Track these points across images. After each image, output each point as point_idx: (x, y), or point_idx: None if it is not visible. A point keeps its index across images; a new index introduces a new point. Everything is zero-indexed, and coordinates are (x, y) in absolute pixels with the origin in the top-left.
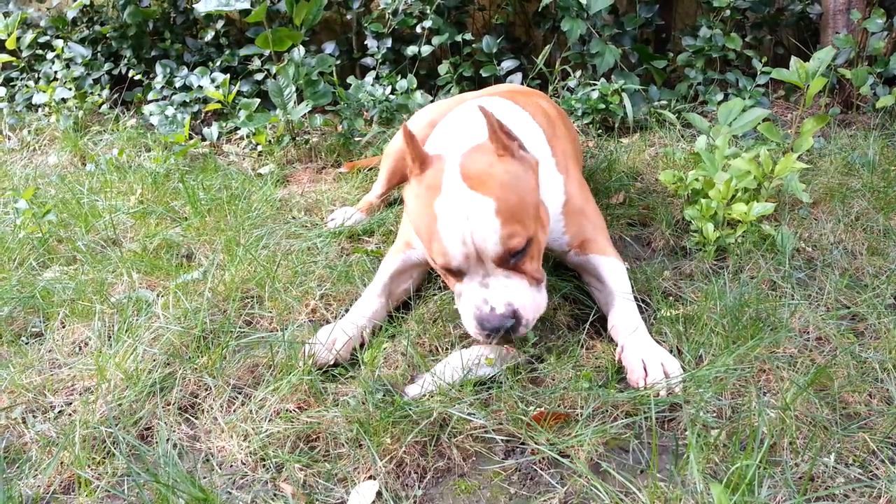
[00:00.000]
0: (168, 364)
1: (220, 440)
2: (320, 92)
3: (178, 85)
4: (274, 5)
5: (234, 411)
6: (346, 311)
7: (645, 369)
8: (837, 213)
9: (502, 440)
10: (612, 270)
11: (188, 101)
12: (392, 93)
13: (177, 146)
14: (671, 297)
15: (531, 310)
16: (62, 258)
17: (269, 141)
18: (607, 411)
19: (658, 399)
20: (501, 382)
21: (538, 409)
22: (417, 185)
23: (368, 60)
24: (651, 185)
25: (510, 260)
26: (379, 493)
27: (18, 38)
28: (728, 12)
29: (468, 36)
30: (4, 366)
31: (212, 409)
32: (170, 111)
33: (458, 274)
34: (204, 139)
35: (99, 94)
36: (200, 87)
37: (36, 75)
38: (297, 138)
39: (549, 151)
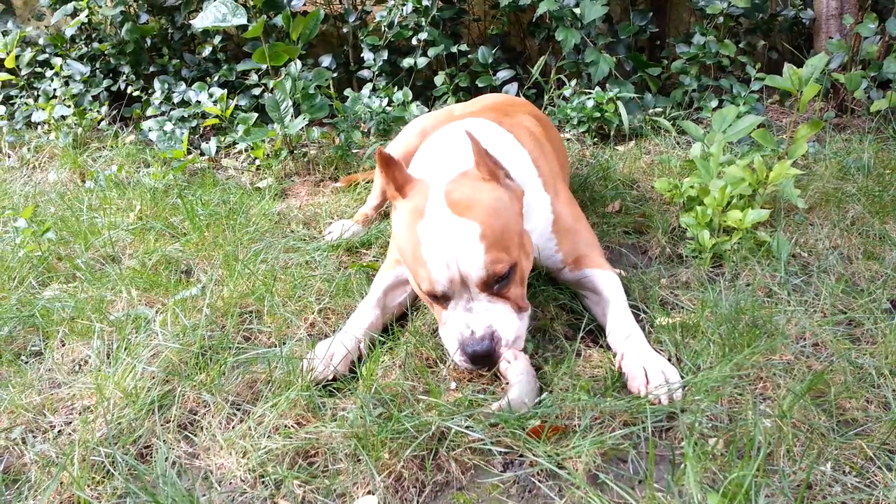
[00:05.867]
0: (167, 381)
1: (218, 457)
2: (317, 105)
3: (176, 100)
4: (271, 20)
5: (232, 428)
6: (345, 324)
7: (646, 376)
8: (833, 218)
9: (500, 453)
10: (607, 282)
11: (186, 116)
12: (389, 104)
13: (175, 161)
14: (668, 306)
15: (512, 332)
16: (62, 276)
17: (268, 155)
18: (605, 421)
19: (656, 408)
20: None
21: (537, 417)
22: (401, 210)
23: (365, 73)
24: (647, 192)
25: (494, 286)
26: None
27: (17, 57)
28: (721, 19)
29: (464, 47)
30: (4, 386)
31: (210, 426)
32: (168, 127)
33: (443, 300)
34: (202, 154)
35: (98, 111)
36: (198, 103)
37: (35, 93)
38: (294, 152)
39: (535, 172)
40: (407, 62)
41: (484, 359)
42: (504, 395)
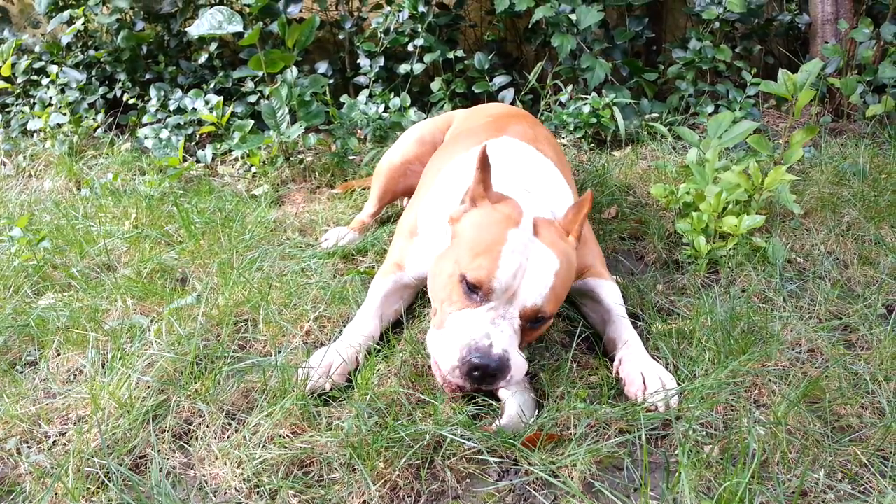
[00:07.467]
0: (162, 391)
1: (213, 467)
2: (313, 112)
3: (172, 107)
4: (267, 27)
5: (227, 438)
6: (341, 332)
7: (644, 382)
8: (829, 224)
9: (496, 461)
10: (607, 290)
11: (182, 123)
12: (385, 111)
13: (171, 169)
14: (664, 312)
15: (520, 371)
16: (57, 285)
17: (264, 162)
18: (600, 429)
19: (651, 415)
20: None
21: (532, 427)
22: (488, 209)
23: (361, 79)
24: (643, 198)
25: (530, 322)
26: None
27: (13, 65)
28: (717, 24)
29: (460, 53)
30: None
31: (205, 435)
32: (164, 134)
33: (479, 297)
34: (198, 161)
35: (94, 119)
36: (194, 110)
37: (31, 101)
38: (291, 158)
39: (570, 192)
40: (403, 68)
41: (484, 377)
42: (500, 413)
